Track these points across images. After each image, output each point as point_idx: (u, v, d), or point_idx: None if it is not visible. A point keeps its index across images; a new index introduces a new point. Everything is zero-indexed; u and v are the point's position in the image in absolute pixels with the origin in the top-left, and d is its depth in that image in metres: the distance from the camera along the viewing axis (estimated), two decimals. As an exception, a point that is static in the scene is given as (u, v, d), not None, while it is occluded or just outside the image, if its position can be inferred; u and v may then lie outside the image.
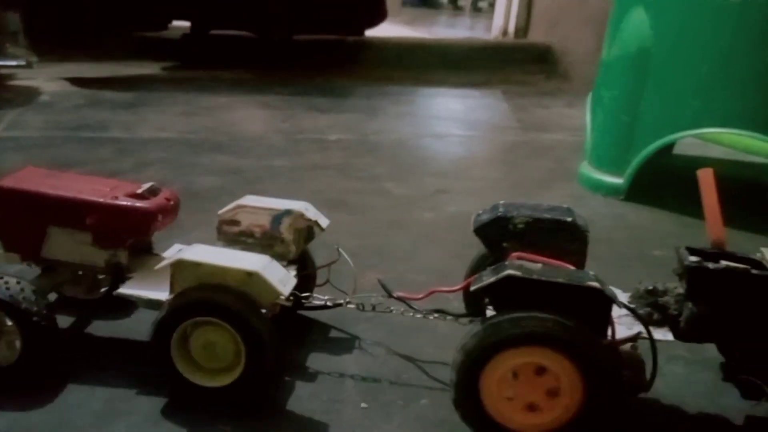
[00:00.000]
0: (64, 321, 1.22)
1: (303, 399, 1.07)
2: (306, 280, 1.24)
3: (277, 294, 1.00)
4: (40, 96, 3.12)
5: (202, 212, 1.57)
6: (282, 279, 1.03)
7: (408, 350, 1.22)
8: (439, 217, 1.92)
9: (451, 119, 3.24)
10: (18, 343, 1.03)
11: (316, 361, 1.18)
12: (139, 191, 1.13)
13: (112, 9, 3.92)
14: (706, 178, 1.01)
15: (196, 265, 1.00)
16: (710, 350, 1.20)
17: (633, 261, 1.69)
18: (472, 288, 0.92)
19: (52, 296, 1.26)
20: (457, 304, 1.36)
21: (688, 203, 2.11)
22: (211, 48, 4.26)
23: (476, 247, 1.22)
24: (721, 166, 2.56)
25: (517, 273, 0.89)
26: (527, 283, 0.89)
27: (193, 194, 1.86)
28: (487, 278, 0.91)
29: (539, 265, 0.92)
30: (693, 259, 0.97)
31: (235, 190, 2.02)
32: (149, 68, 3.96)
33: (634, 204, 2.10)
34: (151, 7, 4.02)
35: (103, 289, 1.27)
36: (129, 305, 1.21)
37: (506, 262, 0.94)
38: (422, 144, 2.76)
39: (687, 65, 1.98)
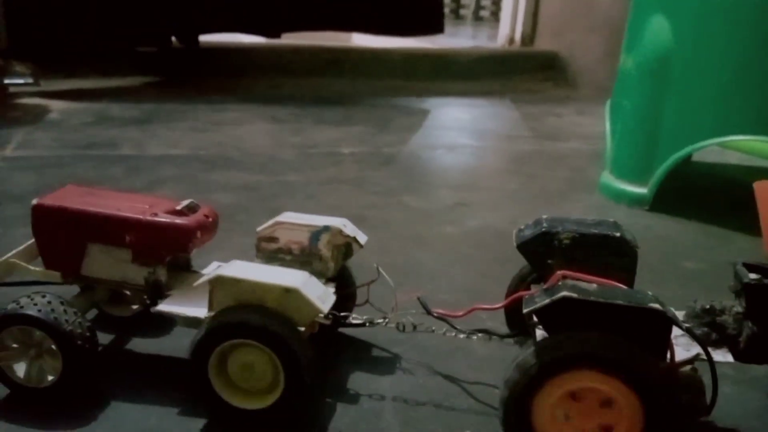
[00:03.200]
0: (103, 338, 1.22)
1: (343, 423, 1.03)
2: (346, 298, 1.22)
3: (317, 311, 0.98)
4: (49, 114, 3.09)
5: (220, 230, 1.53)
6: (321, 296, 1.00)
7: (448, 372, 1.18)
8: (461, 232, 1.88)
9: (461, 129, 3.21)
10: (58, 364, 1.02)
11: (355, 382, 1.14)
12: (179, 208, 1.13)
13: (115, 24, 3.89)
14: (763, 191, 0.97)
15: (235, 282, 0.98)
16: (757, 369, 1.15)
17: (665, 274, 1.64)
18: (525, 311, 0.88)
19: (92, 314, 1.26)
20: (491, 324, 1.32)
21: (713, 213, 2.09)
22: (203, 60, 4.23)
23: (506, 264, 1.18)
24: (739, 173, 2.55)
25: (573, 294, 0.85)
26: (583, 305, 0.84)
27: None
28: (541, 300, 0.87)
29: (594, 286, 0.88)
30: (753, 276, 0.92)
31: (251, 207, 1.98)
32: (155, 82, 3.93)
33: (659, 214, 2.06)
34: (153, 21, 3.99)
35: (135, 306, 1.27)
36: (168, 323, 1.18)
37: (560, 283, 0.89)
38: (436, 155, 2.73)
39: (709, 72, 1.94)
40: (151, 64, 4.14)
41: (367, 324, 1.14)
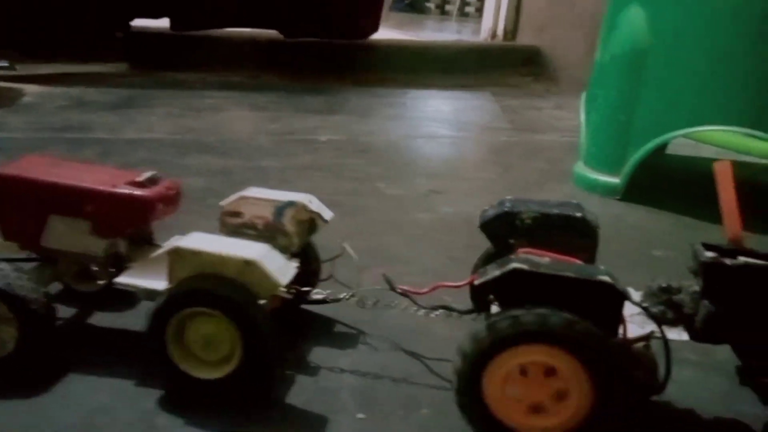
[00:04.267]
0: (66, 312, 1.21)
1: (300, 400, 1.03)
2: (310, 274, 1.21)
3: (276, 284, 0.97)
4: (24, 98, 3.04)
5: (189, 213, 1.52)
6: (281, 268, 0.99)
7: (409, 351, 1.18)
8: (433, 218, 1.88)
9: (442, 121, 3.21)
10: (15, 333, 1.00)
11: (317, 358, 1.14)
12: (139, 180, 1.10)
13: (97, 9, 3.83)
14: (723, 171, 0.97)
15: (194, 254, 0.97)
16: (722, 353, 1.16)
17: (634, 261, 1.65)
18: (476, 282, 0.89)
19: (57, 288, 1.24)
20: (458, 303, 1.32)
21: (685, 203, 2.11)
22: (197, 48, 4.19)
23: (474, 249, 1.18)
24: (714, 166, 2.56)
25: (524, 266, 0.85)
26: (534, 278, 0.85)
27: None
28: (492, 272, 0.88)
29: (547, 260, 0.88)
30: (709, 254, 0.92)
31: (222, 192, 1.94)
32: (135, 69, 3.88)
33: (630, 204, 2.08)
34: (134, 6, 3.94)
35: (101, 282, 1.24)
36: (134, 299, 1.18)
37: (512, 256, 0.90)
38: (414, 145, 2.72)
39: (683, 63, 1.96)
40: (131, 50, 4.09)
41: (329, 299, 1.14)
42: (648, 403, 1.02)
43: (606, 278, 0.84)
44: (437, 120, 3.22)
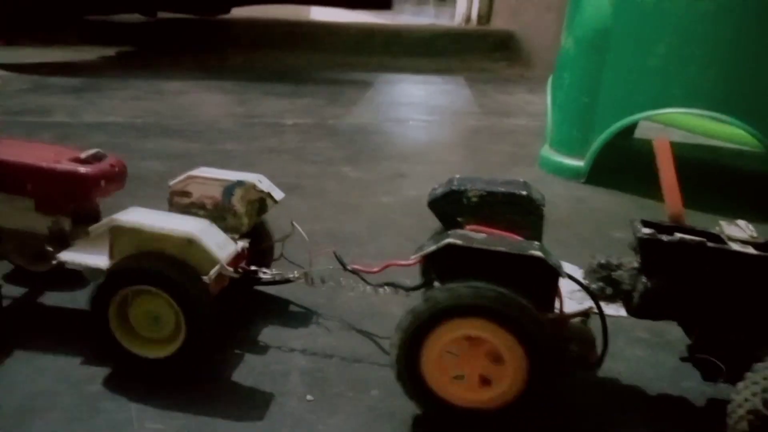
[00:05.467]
0: (16, 292, 1.20)
1: (251, 377, 1.02)
2: (261, 254, 1.20)
3: (214, 259, 0.96)
4: (-19, 81, 2.96)
5: (144, 198, 1.48)
6: (220, 244, 0.98)
7: (361, 332, 1.17)
8: (396, 201, 1.86)
9: (412, 105, 3.19)
10: None
11: (267, 339, 1.13)
12: (82, 156, 1.09)
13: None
14: (662, 148, 0.97)
15: (134, 231, 0.96)
16: (673, 333, 1.16)
17: (594, 242, 1.65)
18: (412, 257, 0.89)
19: (7, 267, 1.24)
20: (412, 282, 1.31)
21: (649, 186, 2.09)
22: (163, 33, 4.11)
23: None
24: (680, 149, 2.58)
25: (458, 241, 0.85)
26: (469, 252, 0.85)
27: (136, 179, 1.74)
28: (428, 247, 0.87)
29: (483, 235, 0.88)
30: (646, 231, 0.92)
31: (180, 175, 1.93)
32: (101, 54, 3.80)
33: (594, 187, 2.08)
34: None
35: (54, 262, 1.21)
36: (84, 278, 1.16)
37: (450, 231, 0.90)
38: (382, 129, 2.70)
39: (645, 46, 1.95)
40: (98, 34, 4.01)
41: (278, 279, 1.13)
42: (589, 377, 1.02)
43: (538, 253, 0.83)
44: (407, 104, 3.19)
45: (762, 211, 1.94)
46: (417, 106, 3.15)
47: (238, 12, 4.33)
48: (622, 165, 2.24)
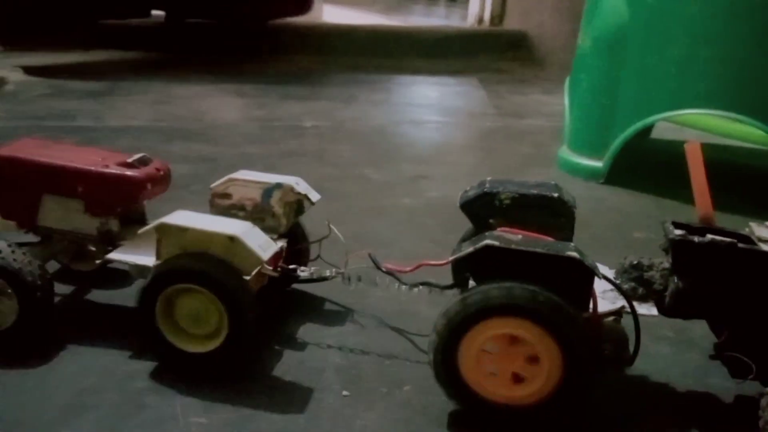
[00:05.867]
0: (63, 290, 1.25)
1: (289, 373, 1.06)
2: (298, 254, 1.25)
3: (258, 259, 1.00)
4: (5, 86, 3.01)
5: (174, 201, 1.52)
6: (262, 245, 1.03)
7: (395, 330, 1.21)
8: (418, 203, 1.89)
9: (427, 106, 3.21)
10: (15, 308, 1.04)
11: (305, 335, 1.18)
12: (130, 161, 1.16)
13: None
14: (693, 151, 0.99)
15: (181, 231, 1.01)
16: (697, 330, 1.19)
17: (614, 243, 1.68)
18: (451, 258, 0.91)
19: (54, 266, 1.29)
20: (442, 282, 1.34)
21: (667, 186, 2.13)
22: (184, 36, 4.16)
23: (458, 232, 1.20)
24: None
25: (496, 243, 0.88)
26: (506, 254, 0.87)
27: (166, 182, 1.81)
28: (466, 249, 0.90)
29: (519, 237, 0.91)
30: (678, 232, 0.95)
31: (207, 178, 1.94)
32: (119, 57, 3.86)
33: (613, 187, 2.10)
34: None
35: (98, 261, 1.28)
36: (129, 276, 1.21)
37: (486, 233, 0.92)
38: (399, 131, 2.73)
39: (663, 47, 1.97)
40: (115, 38, 4.06)
41: (315, 277, 1.17)
42: (616, 374, 1.05)
43: (574, 254, 0.86)
44: (423, 106, 3.22)
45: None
46: (432, 108, 3.18)
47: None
48: (640, 165, 2.26)
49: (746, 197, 2.11)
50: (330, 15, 5.25)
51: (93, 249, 1.26)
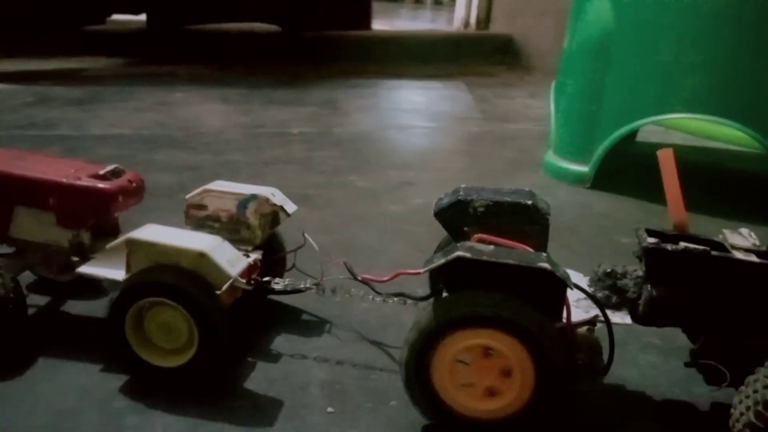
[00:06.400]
0: (38, 301, 1.24)
1: (272, 389, 1.04)
2: (275, 265, 1.24)
3: (226, 274, 0.99)
4: (-14, 94, 2.98)
5: (156, 210, 1.51)
6: (231, 260, 1.02)
7: (377, 343, 1.19)
8: (404, 210, 1.88)
9: (414, 111, 3.21)
10: None
11: (284, 348, 1.16)
12: (102, 172, 1.14)
13: (61, 3, 3.76)
14: (666, 158, 0.99)
15: (150, 245, 1.00)
16: (684, 337, 1.18)
17: (601, 248, 1.67)
18: (422, 270, 0.90)
19: (30, 277, 1.27)
20: (423, 290, 1.33)
21: (653, 190, 2.10)
22: (170, 42, 4.13)
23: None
24: (682, 152, 2.60)
25: (467, 254, 0.87)
26: (478, 265, 0.86)
27: (147, 192, 1.78)
28: (438, 260, 0.89)
29: (491, 247, 0.90)
30: (651, 240, 0.94)
31: (190, 187, 1.92)
32: (102, 64, 3.83)
33: (599, 192, 2.10)
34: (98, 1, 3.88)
35: (66, 276, 1.27)
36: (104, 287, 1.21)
37: (458, 244, 0.91)
38: (386, 136, 2.72)
39: (648, 52, 1.97)
40: (98, 44, 4.02)
41: (289, 289, 1.16)
42: (603, 384, 1.04)
43: (546, 265, 0.85)
44: (409, 111, 3.21)
45: (762, 212, 1.96)
46: (419, 113, 3.17)
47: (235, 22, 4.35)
48: (626, 169, 2.26)
49: (730, 199, 2.11)
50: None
51: (75, 260, 1.24)
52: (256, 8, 4.14)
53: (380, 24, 4.83)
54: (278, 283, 1.16)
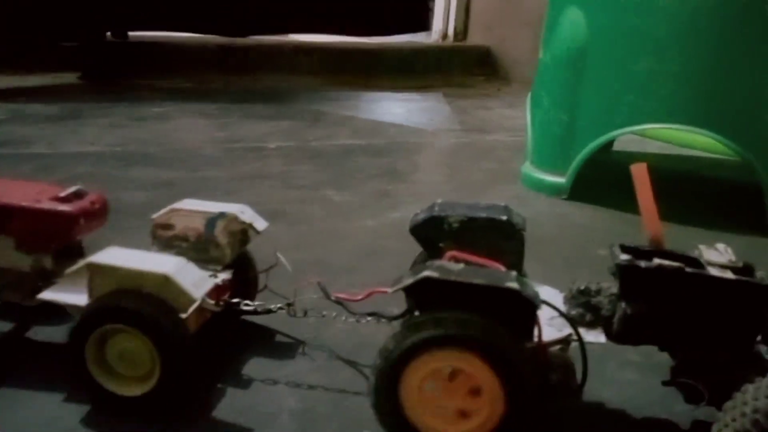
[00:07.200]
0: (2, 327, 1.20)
1: (242, 415, 1.01)
2: (246, 285, 1.21)
3: (190, 297, 0.96)
4: (-42, 112, 2.93)
5: (128, 230, 1.48)
6: (196, 282, 0.99)
7: (351, 366, 1.17)
8: (381, 225, 1.86)
9: (392, 123, 3.20)
10: None
11: (255, 372, 1.13)
12: (63, 195, 1.11)
13: (40, 19, 3.71)
14: (639, 173, 0.98)
15: (111, 269, 0.97)
16: (664, 355, 1.17)
17: (578, 261, 1.67)
18: (390, 290, 0.90)
19: None
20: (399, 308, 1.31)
21: (630, 200, 2.12)
22: (138, 56, 4.09)
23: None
24: (659, 161, 2.62)
25: (435, 274, 0.86)
26: (446, 285, 0.85)
27: (119, 210, 1.74)
28: (406, 280, 0.88)
29: (461, 266, 0.89)
30: (624, 257, 0.93)
31: (163, 206, 1.90)
32: (77, 79, 3.78)
33: (577, 203, 2.10)
34: (82, 17, 3.83)
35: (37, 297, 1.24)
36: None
37: (428, 263, 0.90)
38: (364, 149, 2.71)
39: (622, 62, 1.99)
40: (74, 60, 3.97)
41: (259, 310, 1.13)
42: (580, 403, 1.03)
43: (513, 285, 0.84)
44: (388, 123, 3.21)
45: (741, 221, 1.97)
46: (398, 125, 3.16)
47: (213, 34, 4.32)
48: (604, 179, 2.27)
49: (709, 208, 2.13)
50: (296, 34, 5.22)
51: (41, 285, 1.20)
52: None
53: (361, 38, 4.82)
54: (248, 305, 1.14)
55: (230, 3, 4.02)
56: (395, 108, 3.60)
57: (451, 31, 4.85)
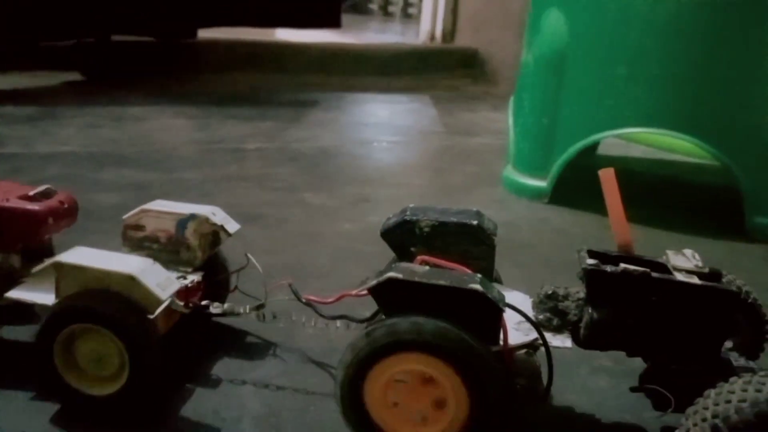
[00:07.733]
0: None
1: (205, 420, 0.98)
2: (217, 287, 1.20)
3: (156, 298, 0.95)
4: (-69, 111, 2.87)
5: (98, 233, 1.45)
6: (161, 283, 0.97)
7: (327, 363, 1.15)
8: (359, 228, 1.83)
9: (377, 125, 3.18)
10: None
11: (221, 373, 1.11)
12: (31, 194, 1.10)
13: (17, 19, 3.65)
14: (607, 178, 0.97)
15: (77, 269, 0.96)
16: (636, 361, 1.15)
17: (558, 265, 1.65)
18: (355, 292, 0.90)
19: None
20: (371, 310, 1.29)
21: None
22: (119, 56, 4.05)
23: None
24: (641, 165, 2.61)
25: (399, 276, 0.84)
26: (410, 286, 0.84)
27: (91, 213, 1.71)
28: (371, 281, 0.87)
29: (426, 268, 0.87)
30: (590, 261, 0.91)
31: (136, 207, 1.88)
32: (56, 79, 3.72)
33: (558, 207, 2.08)
34: (60, 17, 3.78)
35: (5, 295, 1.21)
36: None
37: (394, 265, 0.89)
38: (346, 151, 2.68)
39: (602, 66, 1.97)
40: (54, 60, 3.92)
41: (227, 312, 1.11)
42: (550, 409, 1.01)
43: (477, 287, 0.82)
44: (372, 125, 3.18)
45: (721, 225, 1.96)
46: (382, 127, 3.14)
47: (199, 32, 4.29)
48: (585, 183, 2.24)
49: (689, 213, 2.11)
50: (282, 32, 5.19)
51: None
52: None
53: (347, 38, 4.81)
54: (217, 307, 1.12)
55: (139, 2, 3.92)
56: (380, 109, 3.57)
57: (438, 33, 4.84)
